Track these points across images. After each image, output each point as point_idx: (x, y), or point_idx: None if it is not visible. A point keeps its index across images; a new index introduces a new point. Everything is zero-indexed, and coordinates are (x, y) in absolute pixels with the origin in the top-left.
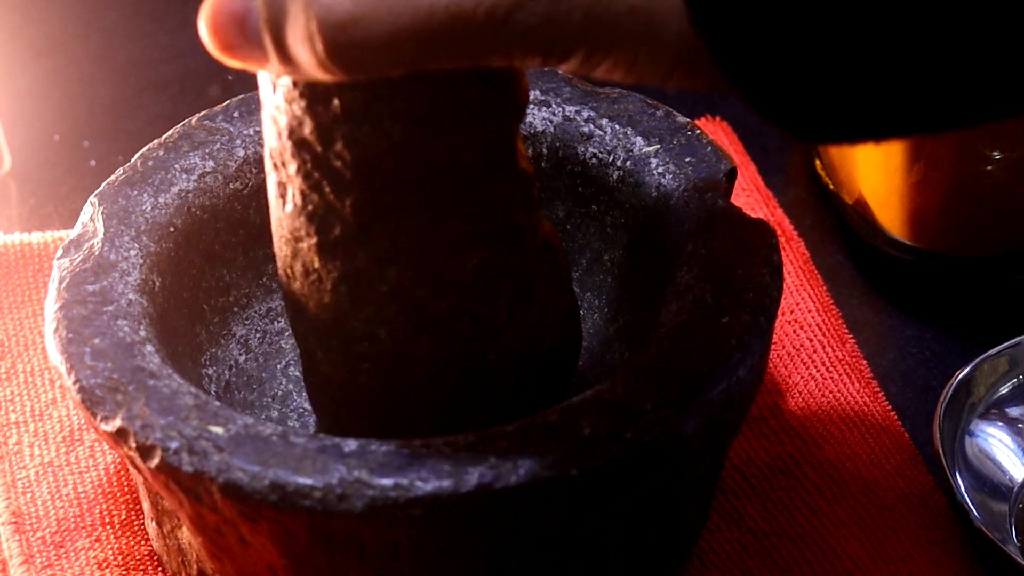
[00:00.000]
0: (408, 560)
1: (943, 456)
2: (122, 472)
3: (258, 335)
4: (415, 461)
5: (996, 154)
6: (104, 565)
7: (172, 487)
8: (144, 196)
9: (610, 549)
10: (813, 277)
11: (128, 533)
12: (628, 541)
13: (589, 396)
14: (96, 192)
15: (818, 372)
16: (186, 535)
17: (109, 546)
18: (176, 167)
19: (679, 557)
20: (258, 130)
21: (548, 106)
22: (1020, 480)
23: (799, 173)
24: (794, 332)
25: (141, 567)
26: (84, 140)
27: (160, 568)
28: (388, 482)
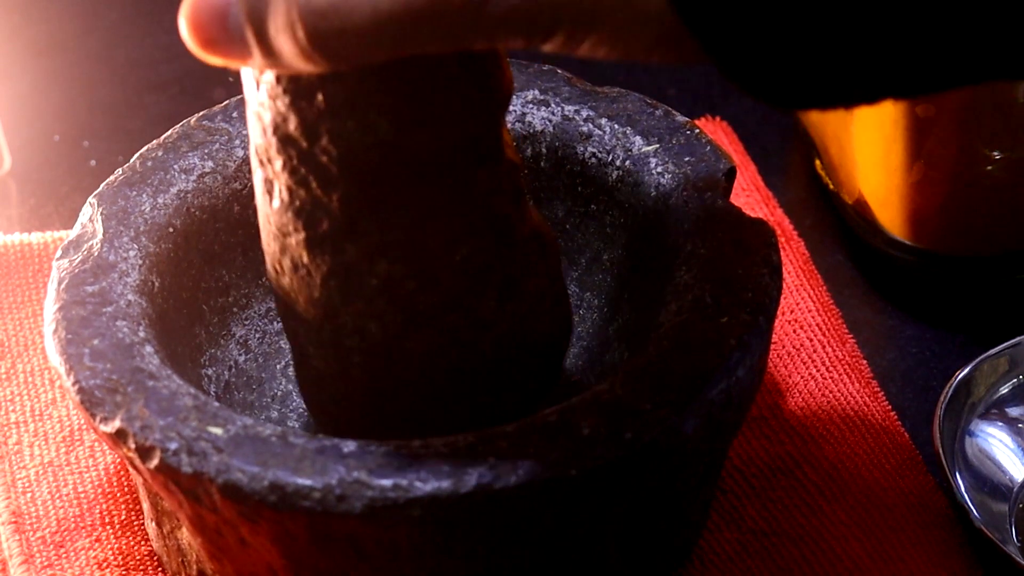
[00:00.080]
0: (408, 560)
1: (943, 456)
2: (122, 472)
3: (257, 335)
4: (414, 462)
5: (996, 154)
6: (104, 565)
7: (171, 488)
8: (143, 197)
9: (610, 549)
10: (813, 277)
11: (128, 533)
12: (628, 541)
13: (588, 396)
14: (95, 193)
15: (818, 372)
16: (186, 536)
17: (109, 546)
18: (175, 167)
19: (679, 557)
20: None
21: (547, 105)
22: (1020, 480)
23: (799, 173)
24: (794, 332)
25: (141, 567)
26: (84, 140)
27: (160, 568)
28: (387, 483)
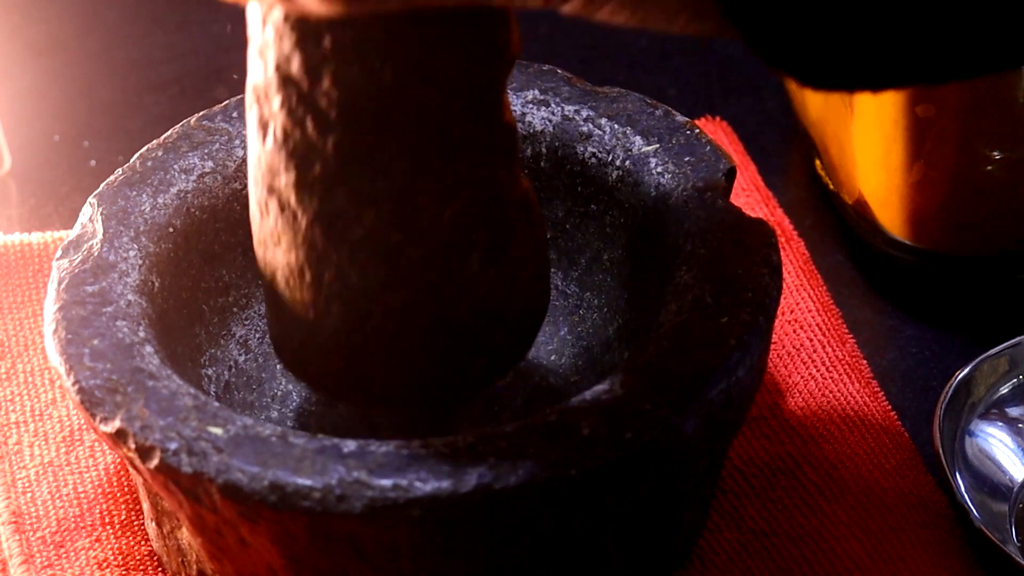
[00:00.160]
0: (408, 560)
1: (943, 456)
2: (122, 472)
3: (257, 335)
4: (414, 462)
5: (996, 154)
6: (104, 565)
7: (171, 488)
8: (143, 197)
9: (610, 549)
10: (813, 277)
11: (128, 533)
12: (628, 541)
13: (588, 396)
14: (95, 193)
15: (818, 372)
16: (186, 535)
17: (109, 546)
18: (175, 167)
19: (679, 557)
20: None
21: (547, 105)
22: (1020, 480)
23: (799, 173)
24: (794, 332)
25: (141, 567)
26: (84, 140)
27: (160, 568)
28: (387, 483)
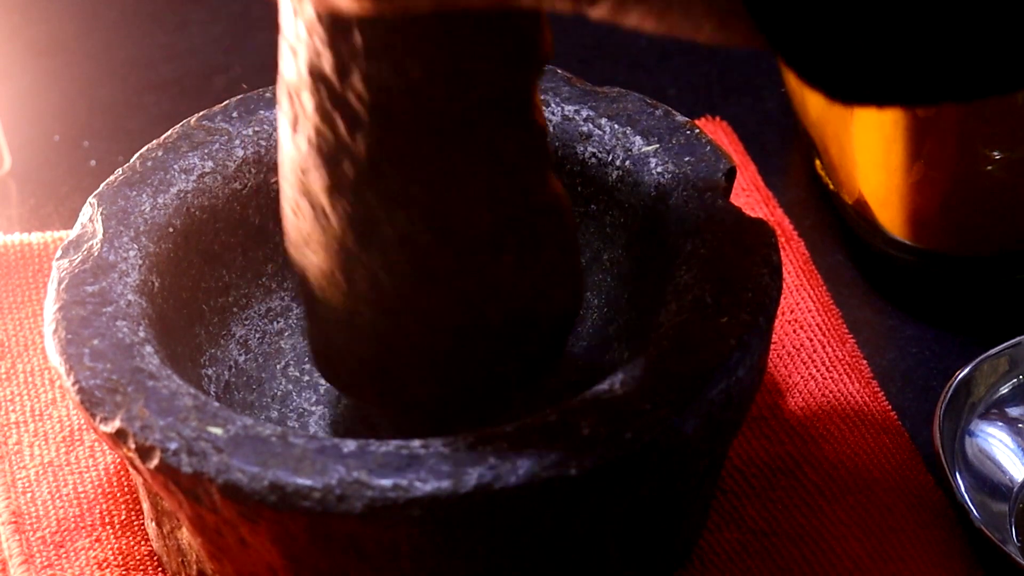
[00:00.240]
0: (408, 560)
1: (943, 456)
2: (122, 472)
3: (257, 335)
4: (414, 461)
5: (996, 154)
6: (104, 565)
7: (171, 488)
8: (143, 197)
9: (610, 549)
10: (813, 277)
11: (128, 533)
12: (628, 541)
13: (589, 396)
14: (95, 193)
15: (818, 372)
16: (186, 535)
17: (109, 546)
18: (175, 167)
19: (679, 557)
20: (257, 130)
21: (547, 105)
22: (1020, 480)
23: (799, 173)
24: (794, 332)
25: (141, 567)
26: (84, 140)
27: (160, 568)
28: (387, 483)
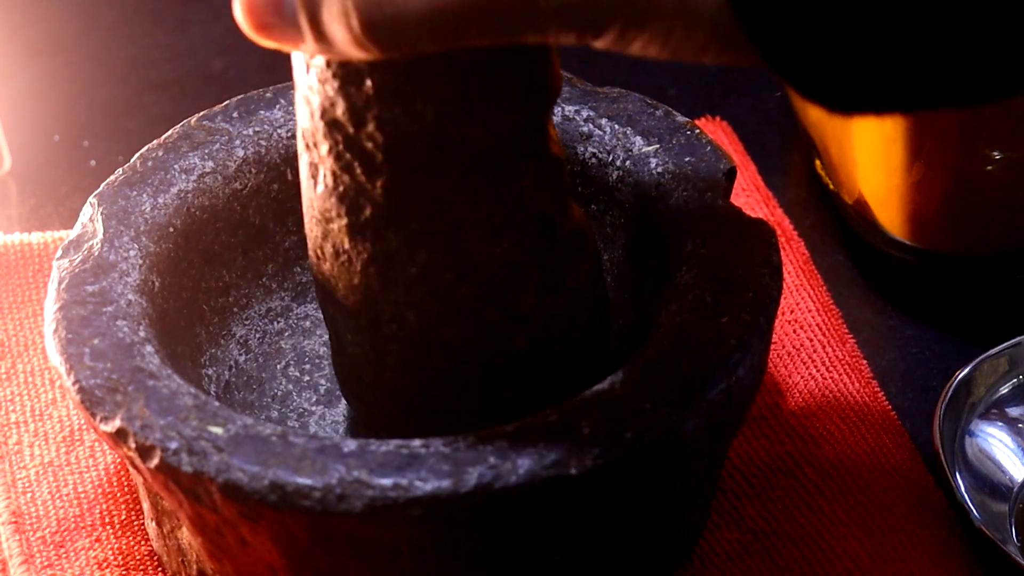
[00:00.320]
0: (408, 560)
1: (943, 456)
2: (122, 472)
3: (258, 335)
4: (414, 461)
5: (996, 154)
6: (104, 565)
7: (172, 487)
8: (143, 196)
9: (610, 549)
10: (813, 277)
11: (128, 533)
12: (628, 541)
13: (589, 396)
14: (95, 192)
15: (818, 372)
16: (186, 535)
17: (109, 546)
18: (175, 167)
19: (679, 557)
20: (257, 130)
21: None
22: (1020, 480)
23: (799, 173)
24: (794, 332)
25: (141, 567)
26: (84, 140)
27: (160, 568)
28: (387, 482)
